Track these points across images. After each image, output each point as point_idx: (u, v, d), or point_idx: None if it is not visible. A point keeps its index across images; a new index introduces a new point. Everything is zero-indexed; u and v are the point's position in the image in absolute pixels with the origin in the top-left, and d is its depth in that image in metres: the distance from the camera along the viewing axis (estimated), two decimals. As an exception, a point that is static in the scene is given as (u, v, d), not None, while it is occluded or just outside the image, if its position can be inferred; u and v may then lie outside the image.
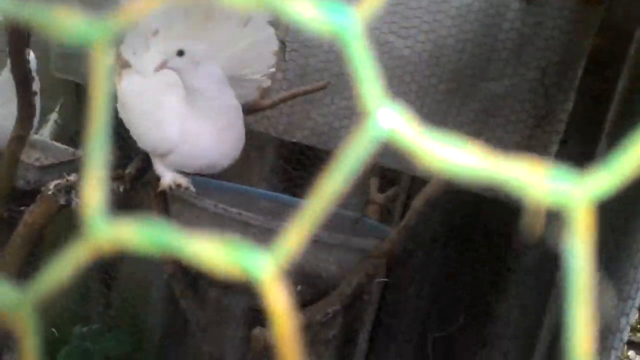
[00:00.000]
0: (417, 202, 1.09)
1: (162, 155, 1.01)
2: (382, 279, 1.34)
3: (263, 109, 1.31)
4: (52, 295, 0.19)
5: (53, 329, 1.71)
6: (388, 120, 0.16)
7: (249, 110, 1.29)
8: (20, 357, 0.20)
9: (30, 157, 1.43)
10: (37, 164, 1.35)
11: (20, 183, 1.23)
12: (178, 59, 0.98)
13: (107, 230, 0.17)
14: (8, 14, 0.19)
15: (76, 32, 0.16)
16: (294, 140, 1.49)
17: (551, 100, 1.35)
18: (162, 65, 0.98)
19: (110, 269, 1.77)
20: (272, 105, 1.32)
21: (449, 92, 1.37)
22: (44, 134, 1.47)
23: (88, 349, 1.60)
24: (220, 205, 0.97)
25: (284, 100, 1.33)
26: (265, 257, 0.16)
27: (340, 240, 1.02)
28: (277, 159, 1.66)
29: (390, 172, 1.48)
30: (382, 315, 1.66)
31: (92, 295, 1.81)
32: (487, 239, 1.57)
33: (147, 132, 1.02)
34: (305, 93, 1.31)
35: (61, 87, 1.45)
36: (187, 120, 0.99)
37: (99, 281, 1.79)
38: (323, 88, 1.24)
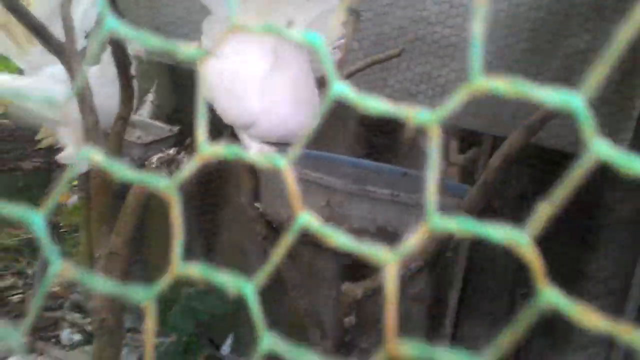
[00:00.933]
0: (495, 160, 1.11)
1: (246, 128, 1.10)
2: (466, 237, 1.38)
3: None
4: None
5: (164, 291, 1.88)
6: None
7: (323, 83, 1.35)
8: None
9: (132, 135, 1.58)
10: (139, 141, 1.48)
11: (127, 159, 1.37)
12: None
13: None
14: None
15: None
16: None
17: (637, 53, 1.31)
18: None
19: (211, 237, 1.90)
20: (349, 76, 1.37)
21: (528, 52, 1.36)
22: (142, 114, 1.61)
23: (195, 308, 1.75)
24: (304, 171, 1.04)
25: (360, 70, 1.37)
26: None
27: (419, 200, 1.07)
28: (359, 127, 1.72)
29: (471, 135, 1.50)
30: (471, 276, 1.70)
31: (196, 260, 1.96)
32: (577, 195, 1.55)
33: (230, 107, 1.11)
34: (381, 61, 1.35)
35: (155, 69, 1.56)
36: (267, 92, 1.07)
37: (201, 247, 1.93)
38: (398, 55, 1.28)
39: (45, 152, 1.41)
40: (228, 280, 0.26)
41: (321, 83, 1.32)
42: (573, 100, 0.20)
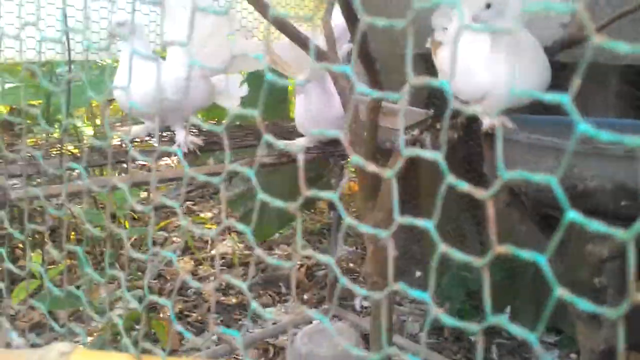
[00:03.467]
0: None
1: (480, 101, 1.18)
2: None
3: (582, 41, 1.33)
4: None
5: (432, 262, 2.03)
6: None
7: (567, 45, 1.34)
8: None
9: (393, 123, 1.76)
10: (389, 126, 1.65)
11: (386, 144, 1.55)
12: (486, 12, 1.13)
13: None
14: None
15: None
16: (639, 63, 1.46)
17: None
18: (475, 19, 1.14)
19: (480, 212, 1.98)
20: (598, 30, 1.32)
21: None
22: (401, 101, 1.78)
23: (465, 277, 1.86)
24: (533, 136, 1.08)
25: (605, 26, 1.32)
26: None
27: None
28: (622, 84, 1.62)
29: None
30: None
31: (467, 235, 2.06)
32: None
33: (464, 86, 1.20)
34: (628, 13, 1.28)
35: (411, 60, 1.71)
36: (494, 66, 1.14)
37: (470, 222, 2.03)
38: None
39: (321, 143, 1.68)
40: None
41: (567, 45, 1.32)
42: None
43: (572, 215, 0.32)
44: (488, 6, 1.14)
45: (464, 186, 0.38)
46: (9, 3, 1.46)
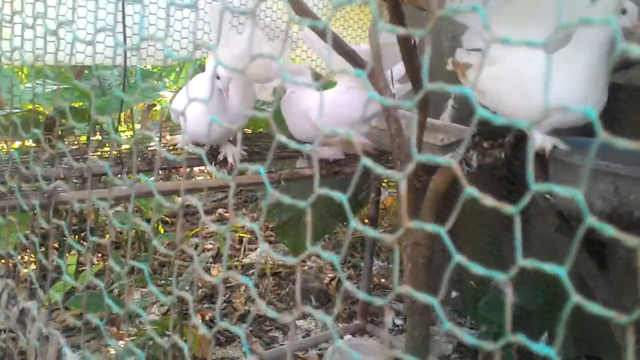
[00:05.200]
0: None
1: (537, 122, 1.13)
2: None
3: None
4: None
5: (472, 283, 1.99)
6: None
7: (626, 64, 1.29)
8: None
9: (436, 139, 1.72)
10: (441, 143, 1.62)
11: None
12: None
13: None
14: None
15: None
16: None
17: None
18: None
19: (522, 237, 1.93)
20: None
21: None
22: (444, 117, 1.74)
23: (503, 300, 1.80)
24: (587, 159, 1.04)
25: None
26: None
27: None
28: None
29: None
30: None
31: (505, 255, 2.00)
32: None
33: (523, 106, 1.16)
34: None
35: (454, 76, 1.68)
36: (557, 87, 1.10)
37: (511, 245, 1.98)
38: None
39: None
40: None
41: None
42: None
43: (632, 243, 0.30)
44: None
45: (489, 201, 0.35)
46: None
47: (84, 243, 2.41)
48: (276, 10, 1.91)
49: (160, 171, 1.53)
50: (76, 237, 2.21)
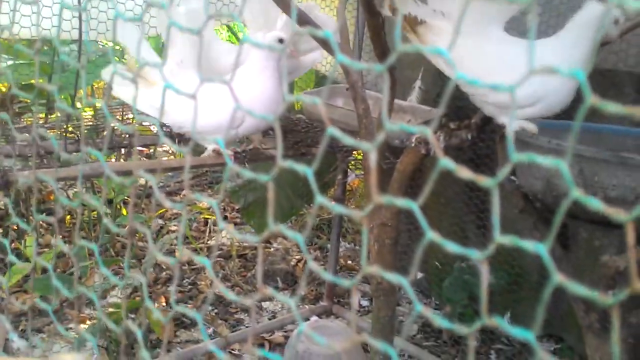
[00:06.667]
0: None
1: (527, 107, 1.12)
2: None
3: (608, 42, 1.29)
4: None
5: (437, 263, 2.00)
6: None
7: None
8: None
9: (402, 119, 1.72)
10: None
11: (396, 142, 1.51)
12: None
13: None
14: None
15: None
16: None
17: None
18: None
19: (485, 215, 1.95)
20: (619, 36, 1.29)
21: None
22: (411, 99, 1.74)
23: (467, 281, 1.83)
24: (554, 141, 1.04)
25: (630, 30, 1.28)
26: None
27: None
28: (637, 92, 1.59)
29: None
30: None
31: (470, 236, 2.02)
32: None
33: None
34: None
35: (421, 57, 1.67)
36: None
37: (475, 225, 2.00)
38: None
39: (330, 138, 1.64)
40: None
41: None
42: None
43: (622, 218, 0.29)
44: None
45: (466, 173, 0.34)
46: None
47: (45, 225, 2.35)
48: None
49: (121, 150, 1.49)
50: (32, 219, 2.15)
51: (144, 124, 1.60)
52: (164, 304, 2.07)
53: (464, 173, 0.31)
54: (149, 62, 0.46)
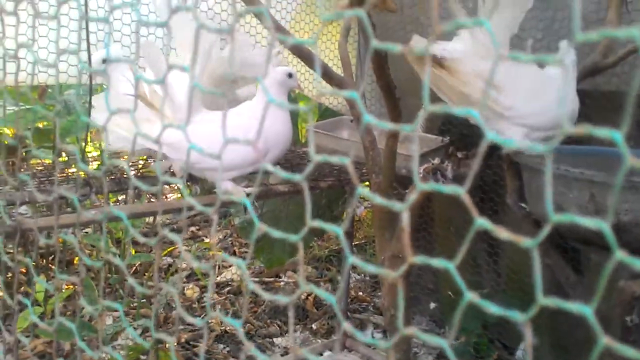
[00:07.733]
0: None
1: (548, 131, 1.14)
2: None
3: (608, 67, 1.30)
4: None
5: (450, 293, 1.98)
6: None
7: (592, 72, 1.30)
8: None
9: (409, 149, 1.72)
10: (405, 153, 1.61)
11: (403, 171, 1.51)
12: None
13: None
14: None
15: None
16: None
17: None
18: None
19: (495, 243, 1.93)
20: (618, 62, 1.30)
21: None
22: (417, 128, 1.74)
23: (481, 310, 1.80)
24: (562, 167, 1.04)
25: (630, 54, 1.29)
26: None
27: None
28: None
29: None
30: None
31: (481, 264, 2.01)
32: None
33: (538, 115, 1.16)
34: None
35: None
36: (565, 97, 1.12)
37: (486, 253, 1.98)
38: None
39: (337, 171, 1.64)
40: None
41: (592, 72, 1.29)
42: None
43: (619, 255, 0.29)
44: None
45: (505, 235, 0.33)
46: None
47: (52, 266, 2.34)
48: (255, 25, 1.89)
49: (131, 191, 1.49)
50: (43, 260, 2.14)
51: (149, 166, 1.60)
52: (175, 343, 2.04)
53: (503, 234, 0.31)
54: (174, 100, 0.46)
